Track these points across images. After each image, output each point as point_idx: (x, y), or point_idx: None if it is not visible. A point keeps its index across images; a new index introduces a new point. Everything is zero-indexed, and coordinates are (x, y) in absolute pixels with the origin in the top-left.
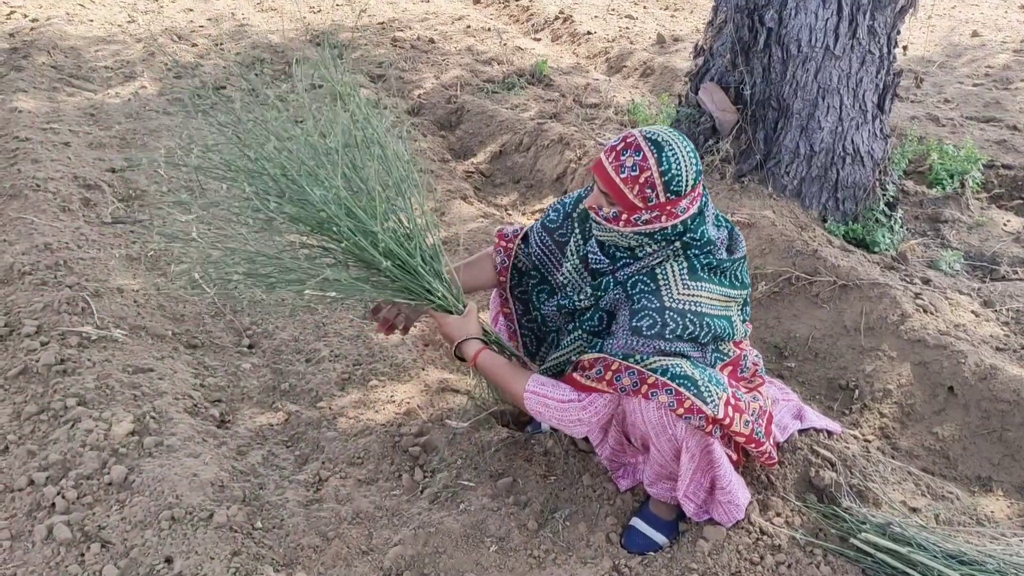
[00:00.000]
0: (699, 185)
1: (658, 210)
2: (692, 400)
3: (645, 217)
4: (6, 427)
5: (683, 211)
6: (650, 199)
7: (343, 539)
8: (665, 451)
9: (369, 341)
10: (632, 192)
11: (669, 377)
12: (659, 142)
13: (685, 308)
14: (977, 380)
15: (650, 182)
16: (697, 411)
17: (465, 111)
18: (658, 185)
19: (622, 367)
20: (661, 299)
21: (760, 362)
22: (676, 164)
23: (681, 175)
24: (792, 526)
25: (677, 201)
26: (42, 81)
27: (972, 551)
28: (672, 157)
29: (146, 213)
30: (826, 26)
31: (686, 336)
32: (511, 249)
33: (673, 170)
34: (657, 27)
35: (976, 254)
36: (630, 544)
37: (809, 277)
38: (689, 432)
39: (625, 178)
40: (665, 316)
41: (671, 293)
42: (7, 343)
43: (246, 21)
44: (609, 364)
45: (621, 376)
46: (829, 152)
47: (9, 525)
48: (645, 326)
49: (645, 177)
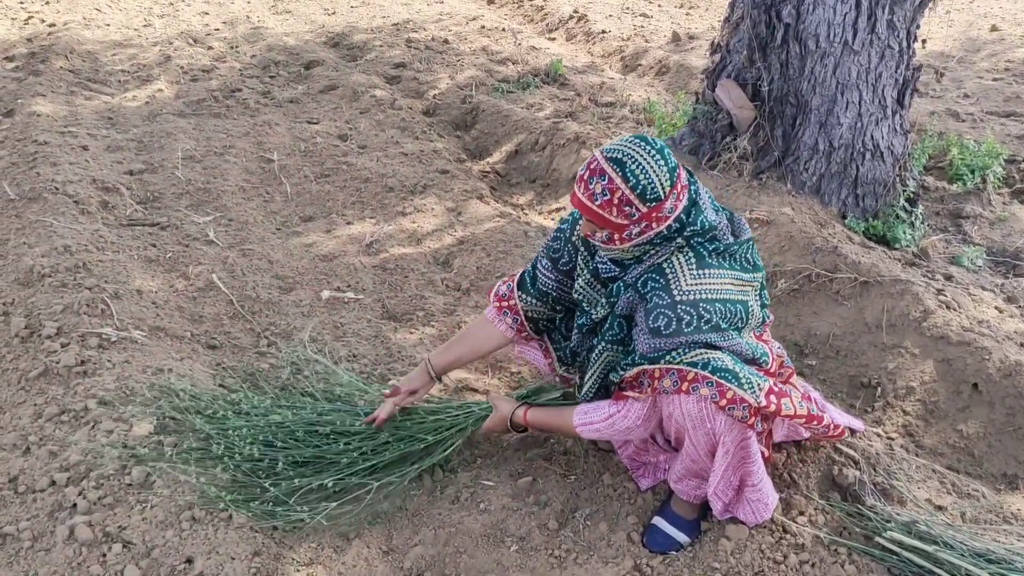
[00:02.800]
0: (679, 181)
1: (645, 220)
2: (734, 391)
3: (636, 230)
4: (27, 428)
5: (671, 211)
6: (632, 214)
7: (363, 539)
8: (700, 445)
9: (387, 341)
10: (612, 214)
11: (710, 371)
12: (620, 159)
13: (696, 299)
14: (1002, 377)
15: (625, 200)
16: (740, 400)
17: (480, 111)
18: (634, 200)
19: (663, 371)
20: (671, 294)
21: (784, 353)
22: (643, 174)
23: (652, 183)
24: (816, 525)
25: (660, 206)
26: (60, 85)
27: (1000, 549)
28: (637, 170)
29: (164, 215)
30: (844, 21)
31: (705, 327)
32: (515, 305)
33: (642, 182)
34: (672, 25)
35: (998, 249)
36: (652, 543)
37: (829, 274)
38: (727, 427)
39: (600, 204)
40: (678, 311)
41: (680, 286)
42: (28, 345)
43: (261, 24)
44: (651, 373)
45: (664, 379)
46: (848, 148)
47: (31, 526)
48: (662, 326)
49: (618, 197)
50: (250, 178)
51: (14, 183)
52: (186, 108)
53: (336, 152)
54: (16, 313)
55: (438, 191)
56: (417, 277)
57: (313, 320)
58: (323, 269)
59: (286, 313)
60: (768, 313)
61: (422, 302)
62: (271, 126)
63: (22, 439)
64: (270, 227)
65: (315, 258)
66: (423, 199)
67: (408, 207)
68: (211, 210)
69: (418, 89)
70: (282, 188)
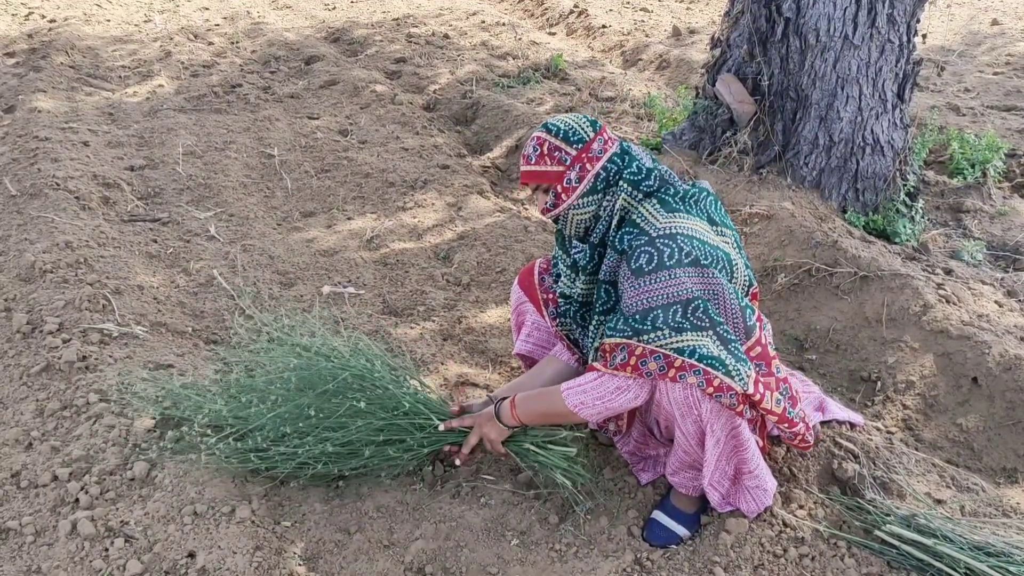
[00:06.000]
0: (603, 132)
1: (578, 163)
2: (721, 378)
3: (573, 175)
4: (30, 424)
5: (600, 152)
6: (564, 159)
7: (365, 533)
8: (690, 434)
9: (388, 336)
10: (547, 164)
11: (697, 358)
12: (544, 123)
13: (674, 232)
14: (1001, 371)
15: (554, 147)
16: (727, 388)
17: (481, 106)
18: (561, 145)
19: (647, 351)
20: (647, 233)
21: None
22: (563, 124)
23: (573, 128)
24: (815, 518)
25: (587, 146)
26: (60, 81)
27: (999, 543)
28: (558, 122)
29: (165, 211)
30: (844, 15)
31: (686, 260)
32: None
33: (563, 128)
34: (672, 19)
35: (999, 244)
36: (652, 537)
37: (829, 268)
38: (714, 414)
39: (535, 160)
40: (657, 244)
41: (654, 225)
42: (29, 340)
43: (262, 19)
44: (632, 349)
45: (647, 361)
46: (848, 142)
47: (34, 521)
48: (644, 262)
49: (546, 148)
50: (251, 173)
51: (15, 179)
52: (187, 103)
53: (337, 147)
54: (18, 309)
55: (438, 186)
56: (418, 272)
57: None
58: (324, 264)
59: (287, 308)
60: (753, 277)
61: (423, 297)
62: (272, 121)
63: (24, 434)
64: (271, 222)
65: (316, 253)
66: (423, 194)
67: (408, 202)
68: (212, 205)
69: (418, 84)
70: (283, 183)
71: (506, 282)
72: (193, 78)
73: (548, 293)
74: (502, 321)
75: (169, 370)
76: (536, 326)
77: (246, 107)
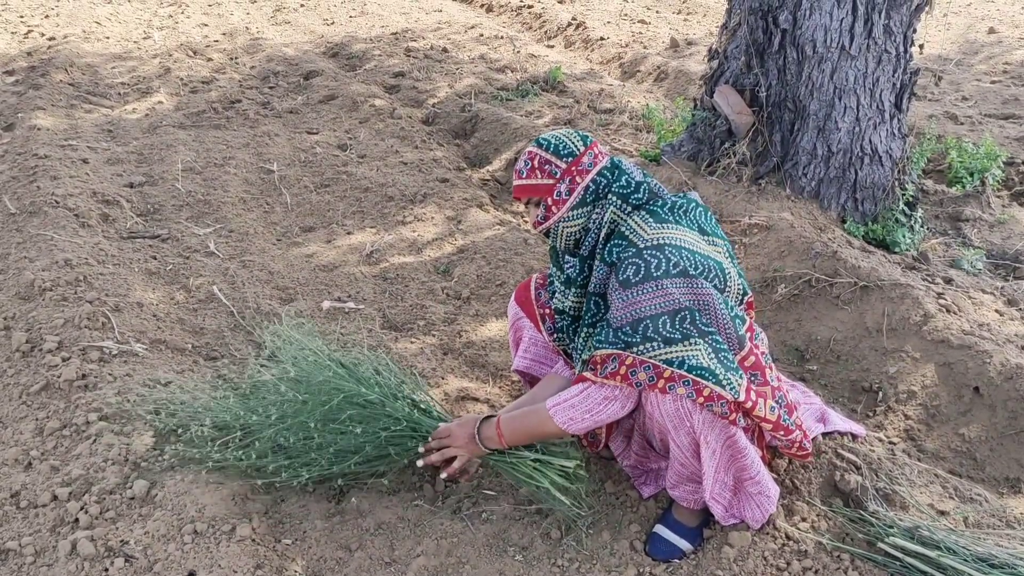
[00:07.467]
0: (594, 147)
1: (567, 176)
2: (711, 388)
3: (563, 188)
4: (29, 443)
5: (590, 165)
6: (554, 172)
7: (366, 550)
8: (685, 446)
9: (388, 351)
10: (538, 177)
11: (686, 369)
12: (536, 139)
13: (661, 243)
14: (1003, 380)
15: (544, 160)
16: (718, 397)
17: (480, 119)
18: (552, 159)
19: (637, 361)
20: (635, 245)
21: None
22: (554, 139)
23: (563, 142)
24: (818, 531)
25: (577, 160)
26: (60, 99)
27: (1003, 554)
28: (549, 137)
29: (164, 227)
30: (841, 26)
31: (674, 271)
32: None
33: (554, 143)
34: (670, 31)
35: (998, 252)
36: (654, 551)
37: (829, 279)
38: (707, 424)
39: (527, 174)
40: (644, 256)
41: (641, 236)
42: (29, 359)
43: (260, 35)
44: (623, 359)
45: (636, 371)
46: (847, 152)
47: (33, 541)
48: (631, 274)
49: (537, 162)
50: (250, 189)
51: (15, 197)
52: (186, 120)
53: (336, 162)
54: (17, 327)
55: (438, 200)
56: (417, 286)
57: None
58: (323, 279)
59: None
60: (747, 286)
61: (423, 311)
62: (271, 137)
63: (24, 454)
64: (270, 238)
65: (315, 268)
66: (423, 208)
67: (408, 216)
68: (211, 221)
69: (417, 98)
70: (282, 199)
71: (506, 295)
72: (192, 94)
73: (545, 308)
74: (503, 335)
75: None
76: (533, 341)
77: (245, 123)
